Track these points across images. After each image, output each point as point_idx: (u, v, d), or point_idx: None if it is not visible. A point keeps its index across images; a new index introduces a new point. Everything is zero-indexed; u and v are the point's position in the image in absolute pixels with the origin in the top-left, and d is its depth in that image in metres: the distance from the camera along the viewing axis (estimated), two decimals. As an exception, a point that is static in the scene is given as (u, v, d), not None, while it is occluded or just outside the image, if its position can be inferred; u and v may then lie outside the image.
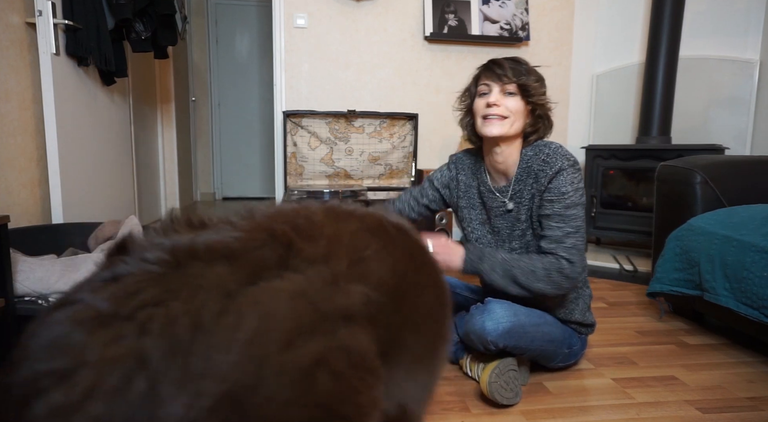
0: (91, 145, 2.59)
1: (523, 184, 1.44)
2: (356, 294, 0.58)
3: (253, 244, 0.55)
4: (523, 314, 1.41)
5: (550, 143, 1.43)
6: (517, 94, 1.39)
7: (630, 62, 3.43)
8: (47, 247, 1.93)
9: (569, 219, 1.36)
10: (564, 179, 1.35)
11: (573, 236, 1.36)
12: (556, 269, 1.35)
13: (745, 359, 1.70)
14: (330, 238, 0.62)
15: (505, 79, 1.38)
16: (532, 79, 1.39)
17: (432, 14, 3.28)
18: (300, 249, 0.57)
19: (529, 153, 1.44)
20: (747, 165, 2.15)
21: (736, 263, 1.62)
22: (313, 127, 3.15)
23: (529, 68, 1.40)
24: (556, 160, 1.37)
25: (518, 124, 1.41)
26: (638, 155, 3.02)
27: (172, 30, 3.06)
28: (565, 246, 1.36)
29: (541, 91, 1.41)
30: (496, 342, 1.36)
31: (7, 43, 2.10)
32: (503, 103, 1.39)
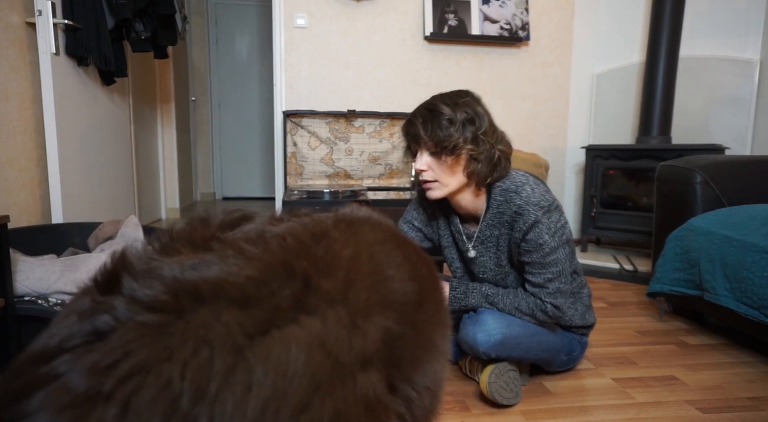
0: (91, 145, 2.59)
1: (497, 230, 1.39)
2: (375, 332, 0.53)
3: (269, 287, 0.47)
4: (516, 325, 1.38)
5: (521, 188, 1.33)
6: (441, 152, 1.27)
7: (630, 62, 3.43)
8: (47, 247, 1.93)
9: (549, 266, 1.33)
10: (539, 231, 1.29)
11: (555, 281, 1.34)
12: (540, 309, 1.37)
13: (745, 359, 1.70)
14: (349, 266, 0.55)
15: (421, 142, 1.28)
16: (453, 129, 1.24)
17: (432, 14, 3.28)
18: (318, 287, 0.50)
19: (498, 198, 1.35)
20: (747, 165, 2.15)
21: (737, 263, 1.62)
22: (313, 127, 3.15)
23: (449, 117, 1.25)
24: (528, 212, 1.29)
25: (455, 181, 1.32)
26: (638, 155, 3.02)
27: (172, 30, 3.06)
28: (547, 292, 1.35)
29: (471, 137, 1.26)
30: (488, 354, 1.36)
31: (7, 43, 2.10)
32: (430, 165, 1.30)
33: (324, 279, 0.52)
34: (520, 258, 1.37)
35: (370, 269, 0.57)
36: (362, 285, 0.55)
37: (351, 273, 0.55)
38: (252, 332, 0.42)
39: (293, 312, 0.46)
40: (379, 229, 0.66)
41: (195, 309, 0.42)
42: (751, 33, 3.05)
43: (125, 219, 1.97)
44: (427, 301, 0.65)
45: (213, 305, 0.43)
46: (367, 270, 0.57)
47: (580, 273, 1.55)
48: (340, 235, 0.59)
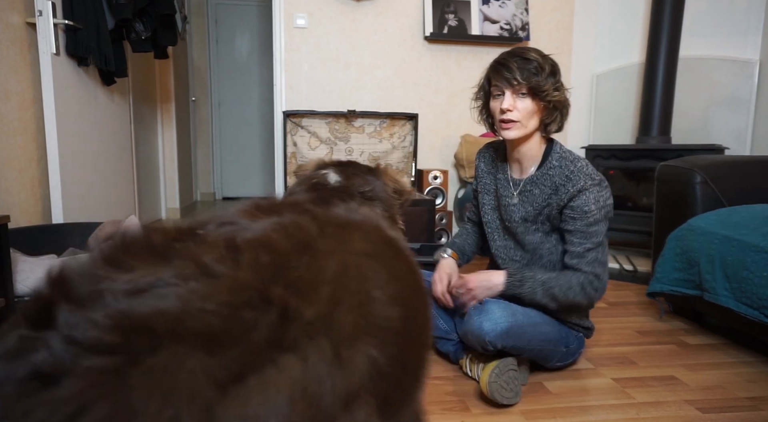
0: (91, 145, 2.59)
1: (539, 188, 1.47)
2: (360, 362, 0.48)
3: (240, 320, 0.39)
4: (520, 314, 1.42)
5: (577, 160, 1.45)
6: (528, 95, 1.39)
7: (630, 62, 3.43)
8: (47, 247, 1.93)
9: (591, 236, 1.40)
10: (587, 198, 1.38)
11: (594, 251, 1.41)
12: (588, 283, 1.40)
13: (745, 359, 1.70)
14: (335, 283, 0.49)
15: (514, 83, 1.37)
16: (543, 76, 1.36)
17: (432, 14, 3.28)
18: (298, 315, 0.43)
19: (554, 163, 1.45)
20: (747, 165, 2.15)
21: (736, 263, 1.62)
22: (313, 127, 3.15)
23: (539, 64, 1.37)
24: (579, 178, 1.39)
25: (533, 123, 1.43)
26: (638, 155, 3.02)
27: (172, 30, 3.06)
28: (587, 261, 1.40)
29: (554, 86, 1.39)
30: (494, 343, 1.37)
31: (7, 43, 2.10)
32: (516, 106, 1.39)
33: (305, 304, 0.44)
34: (561, 226, 1.44)
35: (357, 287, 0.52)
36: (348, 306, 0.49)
37: (337, 292, 0.48)
38: (224, 381, 0.35)
39: (270, 351, 0.39)
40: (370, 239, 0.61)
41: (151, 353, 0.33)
42: (750, 33, 3.05)
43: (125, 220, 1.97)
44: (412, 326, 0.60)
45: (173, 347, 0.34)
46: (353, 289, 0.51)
47: None
48: (326, 245, 0.53)
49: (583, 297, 1.41)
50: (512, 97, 1.39)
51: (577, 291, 1.40)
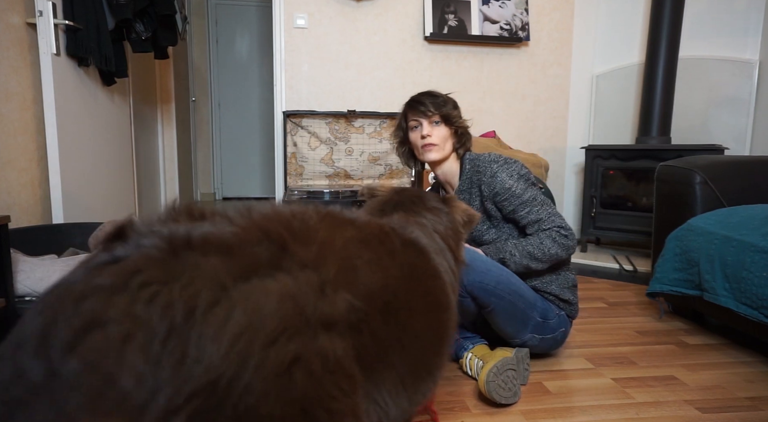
0: (91, 145, 2.59)
1: (468, 193, 1.65)
2: (341, 302, 0.60)
3: (248, 241, 0.55)
4: (485, 257, 1.52)
5: (483, 155, 1.65)
6: (441, 123, 1.64)
7: (630, 62, 3.43)
8: (47, 247, 1.93)
9: (529, 203, 1.54)
10: (501, 178, 1.56)
11: (543, 208, 1.54)
12: (556, 234, 1.52)
13: (745, 359, 1.70)
14: (323, 244, 0.63)
15: (429, 114, 1.63)
16: (449, 107, 1.64)
17: (432, 14, 3.28)
18: (293, 252, 0.58)
19: (467, 166, 1.67)
20: (747, 165, 2.16)
21: (736, 263, 1.62)
22: (313, 127, 3.15)
23: (445, 99, 1.66)
24: (486, 166, 1.59)
25: (449, 146, 1.66)
26: (638, 155, 3.02)
27: (172, 30, 3.06)
28: (543, 220, 1.53)
29: (458, 114, 1.67)
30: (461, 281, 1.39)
31: (7, 44, 2.10)
32: (432, 132, 1.63)
33: (299, 247, 0.59)
34: (507, 215, 1.59)
35: (341, 254, 0.64)
36: (332, 262, 0.62)
37: (322, 250, 0.62)
38: (235, 276, 0.51)
39: (270, 268, 0.54)
40: (361, 230, 0.73)
41: (186, 253, 0.51)
42: (750, 33, 3.05)
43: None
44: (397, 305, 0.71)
45: (201, 251, 0.52)
46: (338, 253, 0.64)
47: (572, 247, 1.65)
48: (320, 223, 0.67)
49: (558, 248, 1.51)
50: (429, 125, 1.63)
51: (551, 244, 1.51)
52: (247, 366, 0.47)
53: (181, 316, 0.46)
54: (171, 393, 0.44)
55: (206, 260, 0.51)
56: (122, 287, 0.47)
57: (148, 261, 0.49)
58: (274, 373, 0.49)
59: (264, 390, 0.48)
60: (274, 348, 0.50)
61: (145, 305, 0.46)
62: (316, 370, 0.54)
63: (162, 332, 0.45)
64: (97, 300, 0.46)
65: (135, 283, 0.47)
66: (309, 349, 0.53)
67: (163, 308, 0.46)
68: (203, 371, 0.45)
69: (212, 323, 0.47)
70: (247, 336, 0.48)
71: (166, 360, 0.45)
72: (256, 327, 0.49)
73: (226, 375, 0.46)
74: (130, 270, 0.48)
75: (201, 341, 0.46)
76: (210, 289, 0.49)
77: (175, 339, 0.45)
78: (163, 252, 0.50)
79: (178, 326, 0.46)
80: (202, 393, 0.45)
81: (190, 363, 0.45)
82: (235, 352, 0.47)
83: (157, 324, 0.45)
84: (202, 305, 0.47)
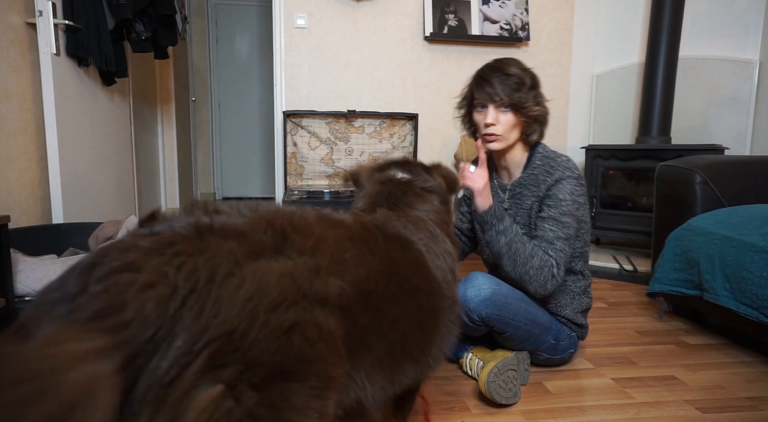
0: (91, 145, 2.59)
1: (527, 189, 1.50)
2: (333, 285, 0.71)
3: (257, 229, 0.68)
4: (506, 287, 1.44)
5: (559, 157, 1.49)
6: (510, 109, 1.44)
7: (630, 62, 3.43)
8: (47, 247, 1.93)
9: (562, 226, 1.41)
10: (563, 187, 1.42)
11: (563, 241, 1.41)
12: (548, 266, 1.39)
13: (745, 359, 1.70)
14: (318, 237, 0.75)
15: (496, 99, 1.42)
16: (524, 91, 1.42)
17: (432, 14, 3.28)
18: (293, 241, 0.70)
19: (537, 162, 1.50)
20: (747, 165, 2.16)
21: (736, 263, 1.62)
22: (313, 127, 3.15)
23: (520, 79, 1.42)
24: (557, 170, 1.44)
25: (514, 135, 1.48)
26: (638, 155, 3.02)
27: (172, 30, 3.06)
28: (555, 248, 1.40)
29: (535, 100, 1.44)
30: (478, 310, 1.37)
31: (7, 44, 2.10)
32: (498, 120, 1.45)
33: (298, 237, 0.72)
34: (538, 215, 1.46)
35: (333, 248, 0.77)
36: (326, 252, 0.74)
37: (318, 242, 0.74)
38: (247, 256, 0.64)
39: (274, 253, 0.67)
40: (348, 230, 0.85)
41: (210, 236, 0.64)
42: (750, 33, 3.05)
43: (125, 220, 1.97)
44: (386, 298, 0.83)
45: (221, 235, 0.65)
46: (330, 246, 0.76)
47: (588, 277, 1.59)
48: (316, 221, 0.79)
49: (535, 276, 1.38)
50: (495, 112, 1.45)
51: (536, 266, 1.38)
52: (254, 324, 0.59)
53: (204, 281, 0.58)
54: (189, 337, 0.55)
55: (225, 242, 0.63)
56: (159, 251, 0.59)
57: (181, 237, 0.61)
58: (275, 334, 0.61)
59: (267, 346, 0.60)
60: (276, 313, 0.62)
61: (175, 269, 0.57)
62: (311, 336, 0.65)
63: (185, 291, 0.56)
64: (138, 254, 0.58)
65: (170, 251, 0.59)
66: (305, 319, 0.65)
67: (188, 273, 0.58)
68: (220, 322, 0.57)
69: (228, 288, 0.59)
70: (255, 301, 0.60)
71: (186, 313, 0.56)
72: (262, 294, 0.61)
73: (240, 328, 0.58)
74: (168, 241, 0.60)
75: (219, 300, 0.58)
76: (227, 263, 0.61)
77: (195, 297, 0.57)
78: (192, 233, 0.63)
79: (199, 288, 0.58)
80: (220, 339, 0.57)
81: (207, 316, 0.57)
82: (246, 312, 0.59)
83: (182, 285, 0.57)
84: (220, 274, 0.60)
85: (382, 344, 0.82)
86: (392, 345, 0.84)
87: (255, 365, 0.59)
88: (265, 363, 0.59)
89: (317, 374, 0.65)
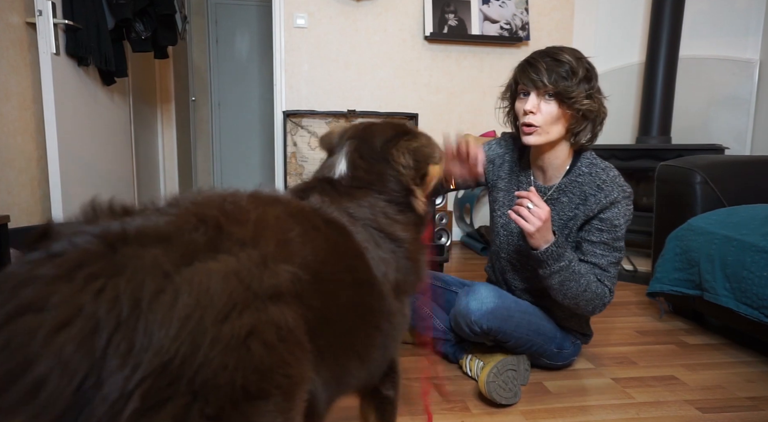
0: (91, 145, 2.59)
1: (567, 196, 1.39)
2: (284, 274, 0.62)
3: (184, 228, 0.56)
4: (509, 299, 1.41)
5: (609, 168, 1.37)
6: (555, 99, 1.29)
7: (630, 62, 3.43)
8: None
9: (615, 250, 1.35)
10: (618, 211, 1.32)
11: (615, 267, 1.37)
12: (601, 297, 1.34)
13: (745, 359, 1.70)
14: (256, 222, 0.65)
15: (540, 85, 1.28)
16: (574, 81, 1.26)
17: (432, 14, 3.28)
18: (230, 233, 0.60)
19: (583, 169, 1.37)
20: (747, 165, 2.15)
21: (736, 263, 1.62)
22: (313, 127, 3.15)
23: (572, 68, 1.27)
24: (612, 189, 1.32)
25: (556, 130, 1.32)
26: (638, 155, 3.02)
27: (172, 30, 3.06)
28: (609, 276, 1.35)
29: (586, 93, 1.29)
30: (480, 323, 1.35)
31: (7, 43, 2.10)
32: (540, 110, 1.29)
33: (235, 227, 0.61)
34: (586, 238, 1.35)
35: (275, 229, 0.66)
36: (270, 237, 0.64)
37: (258, 227, 0.64)
38: (177, 263, 0.52)
39: (209, 251, 0.55)
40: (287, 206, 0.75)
41: (125, 246, 0.51)
42: (751, 33, 3.05)
43: (125, 219, 1.97)
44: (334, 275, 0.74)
45: (139, 243, 0.52)
46: (272, 229, 0.66)
47: None
48: (250, 204, 0.68)
49: (586, 306, 1.34)
50: (537, 99, 1.29)
51: (588, 298, 1.32)
52: (201, 342, 0.49)
53: (128, 309, 0.46)
54: (121, 382, 0.45)
55: (146, 251, 0.51)
56: (67, 277, 0.46)
57: (91, 255, 0.49)
58: (230, 346, 0.51)
59: (222, 362, 0.50)
60: (228, 322, 0.52)
61: (92, 298, 0.46)
62: (271, 340, 0.56)
63: (110, 326, 0.45)
64: (39, 287, 0.45)
65: (81, 275, 0.47)
66: (262, 321, 0.55)
67: (109, 302, 0.46)
68: (152, 356, 0.46)
69: (159, 310, 0.48)
70: (197, 316, 0.50)
71: (112, 353, 0.45)
72: (204, 305, 0.50)
73: (180, 353, 0.47)
74: (74, 263, 0.47)
75: (148, 329, 0.47)
76: (153, 278, 0.49)
77: (121, 332, 0.46)
78: (101, 248, 0.50)
79: (124, 320, 0.46)
80: (152, 374, 0.46)
81: (137, 352, 0.46)
82: (187, 332, 0.48)
83: (104, 318, 0.45)
84: (147, 295, 0.48)
85: (328, 332, 0.72)
86: (337, 337, 0.75)
87: (207, 391, 0.49)
88: (220, 386, 0.50)
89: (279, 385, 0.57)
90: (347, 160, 0.96)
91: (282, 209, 0.72)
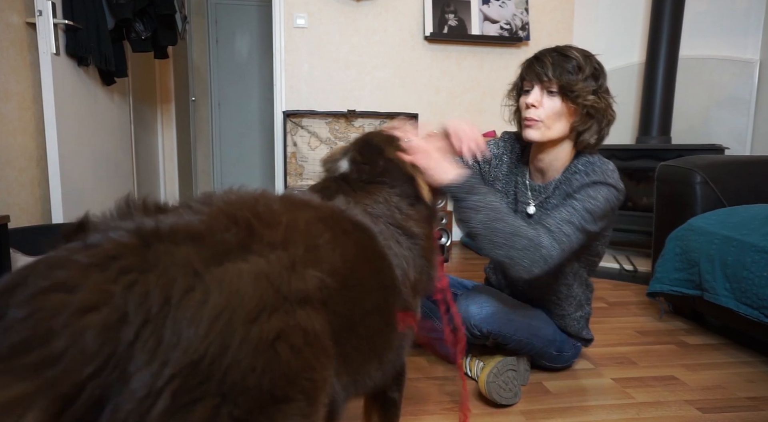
0: (91, 145, 2.59)
1: (559, 190, 1.35)
2: (312, 279, 0.62)
3: (216, 228, 0.57)
4: (509, 303, 1.41)
5: (605, 164, 1.30)
6: (558, 94, 1.26)
7: (630, 62, 3.43)
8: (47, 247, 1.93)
9: (580, 218, 1.21)
10: (598, 190, 1.23)
11: (572, 228, 1.20)
12: (537, 245, 1.15)
13: (745, 359, 1.70)
14: (287, 226, 0.65)
15: (544, 79, 1.25)
16: (579, 77, 1.24)
17: (432, 14, 3.28)
18: (261, 235, 0.60)
19: (579, 167, 1.32)
20: (747, 165, 2.15)
21: (736, 263, 1.62)
22: (313, 127, 3.15)
23: (578, 64, 1.24)
24: (598, 174, 1.26)
25: (558, 127, 1.29)
26: (638, 155, 3.02)
27: (172, 30, 3.06)
28: (560, 229, 1.19)
29: (591, 90, 1.25)
30: (479, 326, 1.37)
31: (7, 43, 2.10)
32: (542, 104, 1.27)
33: (266, 229, 0.61)
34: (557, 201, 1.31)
35: (306, 234, 0.67)
36: (299, 242, 0.64)
37: (288, 231, 0.64)
38: (208, 262, 0.52)
39: (241, 251, 0.56)
40: (318, 211, 0.76)
41: (158, 243, 0.51)
42: (751, 33, 3.05)
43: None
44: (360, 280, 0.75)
45: (172, 240, 0.52)
46: (302, 233, 0.66)
47: (591, 289, 1.55)
48: (281, 207, 0.69)
49: (520, 256, 1.13)
50: (540, 93, 1.27)
51: (520, 245, 1.13)
52: (230, 343, 0.49)
53: (158, 305, 0.47)
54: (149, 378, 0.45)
55: (178, 249, 0.51)
56: (102, 266, 0.47)
57: (125, 249, 0.49)
58: (259, 349, 0.51)
59: (250, 364, 0.50)
60: (257, 324, 0.52)
61: (123, 290, 0.46)
62: (298, 344, 0.56)
63: (138, 321, 0.45)
64: (73, 271, 0.46)
65: (115, 266, 0.47)
66: (290, 324, 0.56)
67: (139, 296, 0.46)
68: (181, 354, 0.46)
69: (188, 308, 0.48)
70: (227, 316, 0.50)
71: (140, 348, 0.45)
72: (234, 306, 0.51)
73: (210, 353, 0.48)
74: (109, 255, 0.48)
75: (177, 326, 0.47)
76: (184, 276, 0.49)
77: (149, 328, 0.46)
78: (135, 242, 0.51)
79: (153, 316, 0.46)
80: (182, 373, 0.46)
81: (165, 349, 0.46)
82: (216, 332, 0.49)
83: (133, 312, 0.46)
84: (177, 292, 0.48)
85: (352, 338, 0.73)
86: (360, 341, 0.75)
87: (236, 394, 0.49)
88: (249, 389, 0.50)
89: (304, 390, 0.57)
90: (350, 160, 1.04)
91: (313, 213, 0.73)
